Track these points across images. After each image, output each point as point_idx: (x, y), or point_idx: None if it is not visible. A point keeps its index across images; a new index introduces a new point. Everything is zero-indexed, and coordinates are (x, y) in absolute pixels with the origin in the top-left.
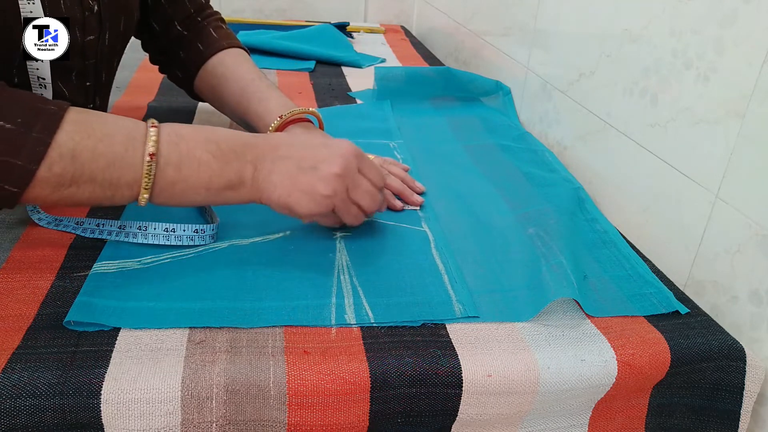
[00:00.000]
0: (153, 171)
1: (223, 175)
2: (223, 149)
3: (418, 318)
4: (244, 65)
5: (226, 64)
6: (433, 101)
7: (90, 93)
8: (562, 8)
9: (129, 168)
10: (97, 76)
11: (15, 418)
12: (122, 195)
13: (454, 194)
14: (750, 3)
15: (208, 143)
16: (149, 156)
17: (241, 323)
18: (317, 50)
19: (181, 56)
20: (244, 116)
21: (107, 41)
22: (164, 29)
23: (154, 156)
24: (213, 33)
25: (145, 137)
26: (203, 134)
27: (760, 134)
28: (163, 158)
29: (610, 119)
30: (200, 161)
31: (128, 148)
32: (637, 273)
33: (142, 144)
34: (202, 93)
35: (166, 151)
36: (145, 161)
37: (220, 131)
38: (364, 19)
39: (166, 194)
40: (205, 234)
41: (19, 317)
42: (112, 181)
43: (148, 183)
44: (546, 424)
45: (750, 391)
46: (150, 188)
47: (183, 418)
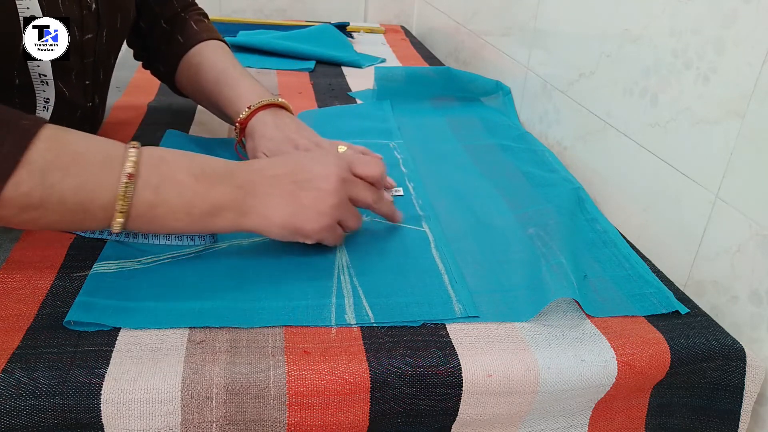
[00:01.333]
0: (130, 193)
1: (207, 198)
2: (207, 173)
3: (418, 318)
4: (220, 55)
5: (203, 54)
6: (433, 101)
7: (89, 92)
8: (562, 8)
9: (103, 189)
10: (95, 74)
11: (15, 418)
12: (94, 218)
13: (454, 194)
14: (750, 3)
15: (192, 166)
16: (127, 176)
17: (241, 323)
18: (317, 50)
19: (162, 50)
20: (218, 102)
21: (105, 39)
22: (151, 28)
23: (133, 177)
24: (194, 26)
25: (124, 157)
26: (187, 157)
27: (760, 134)
28: (142, 179)
29: (610, 119)
30: (182, 184)
31: (104, 168)
32: (637, 273)
33: (120, 164)
34: (181, 86)
35: (146, 173)
36: (122, 182)
37: (205, 157)
38: (364, 19)
39: (144, 219)
40: (206, 234)
41: (19, 317)
42: (84, 203)
43: (124, 206)
44: (546, 424)
45: (750, 391)
46: (126, 212)
47: (183, 418)
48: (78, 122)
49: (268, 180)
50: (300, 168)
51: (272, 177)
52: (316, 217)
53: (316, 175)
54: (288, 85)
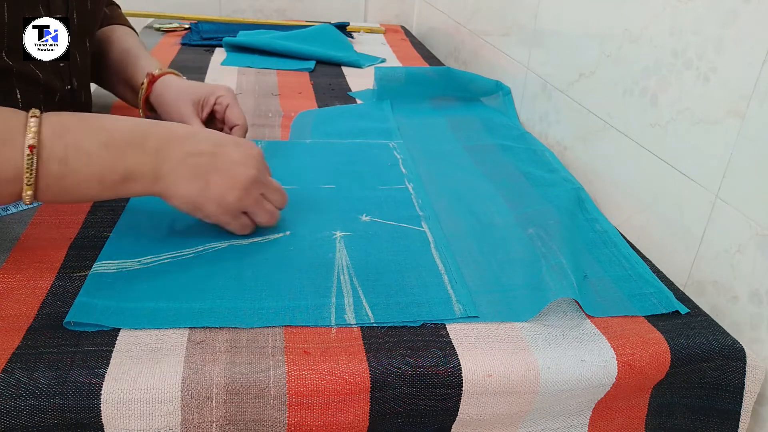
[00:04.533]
0: (34, 165)
1: (117, 167)
2: (117, 139)
3: (418, 318)
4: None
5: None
6: (433, 101)
7: (65, 75)
8: (562, 8)
9: (7, 162)
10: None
11: (15, 418)
12: (4, 192)
13: (454, 194)
14: (750, 3)
15: (99, 133)
16: (28, 149)
17: (241, 323)
18: (317, 50)
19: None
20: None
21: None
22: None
23: (34, 148)
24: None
25: (25, 128)
26: (94, 123)
27: (760, 134)
28: (46, 150)
29: (610, 119)
30: (90, 153)
31: (6, 141)
32: (637, 273)
33: (21, 136)
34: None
35: (50, 143)
36: (25, 154)
37: (114, 119)
38: (364, 19)
39: (54, 190)
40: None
41: (19, 317)
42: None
43: (30, 178)
44: (546, 424)
45: (750, 391)
46: (33, 184)
47: (183, 418)
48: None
49: (185, 153)
50: (220, 151)
51: (189, 153)
52: (218, 201)
53: (234, 163)
54: (288, 85)
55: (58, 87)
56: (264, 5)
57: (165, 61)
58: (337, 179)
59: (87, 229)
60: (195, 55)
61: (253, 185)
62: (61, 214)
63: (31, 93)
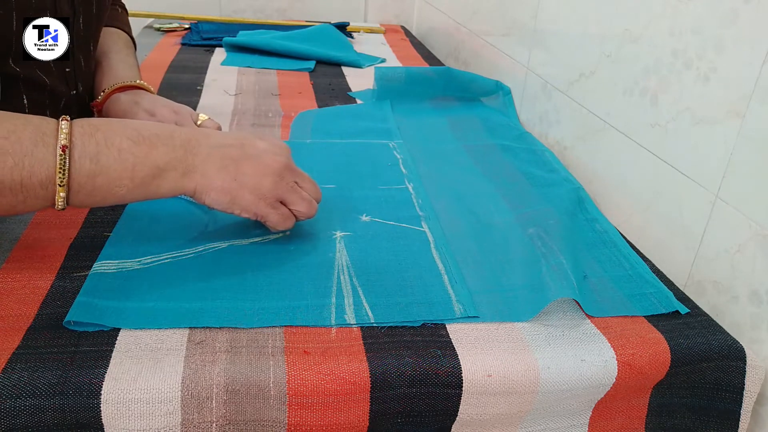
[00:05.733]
0: (67, 164)
1: (148, 160)
2: (145, 135)
3: (418, 318)
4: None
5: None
6: (433, 101)
7: (71, 79)
8: (562, 8)
9: (40, 164)
10: (75, 60)
11: (15, 418)
12: (35, 196)
13: (454, 194)
14: (750, 3)
15: (128, 130)
16: (61, 149)
17: (241, 323)
18: (317, 50)
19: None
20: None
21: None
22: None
23: (67, 148)
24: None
25: (57, 131)
26: (122, 123)
27: (760, 134)
28: (78, 150)
29: (610, 119)
30: (120, 149)
31: (38, 144)
32: (637, 273)
33: (54, 137)
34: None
35: (81, 142)
36: (57, 155)
37: (141, 122)
38: (364, 19)
39: (86, 189)
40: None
41: (19, 317)
42: (23, 182)
43: (62, 179)
44: (546, 424)
45: (750, 391)
46: (66, 185)
47: (183, 418)
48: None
49: (212, 145)
50: (247, 143)
51: (217, 145)
52: (253, 188)
53: (262, 151)
54: (288, 85)
55: (63, 92)
56: (264, 5)
57: (165, 61)
58: (337, 179)
59: (87, 229)
60: (195, 55)
61: (285, 171)
62: (61, 214)
63: (38, 98)
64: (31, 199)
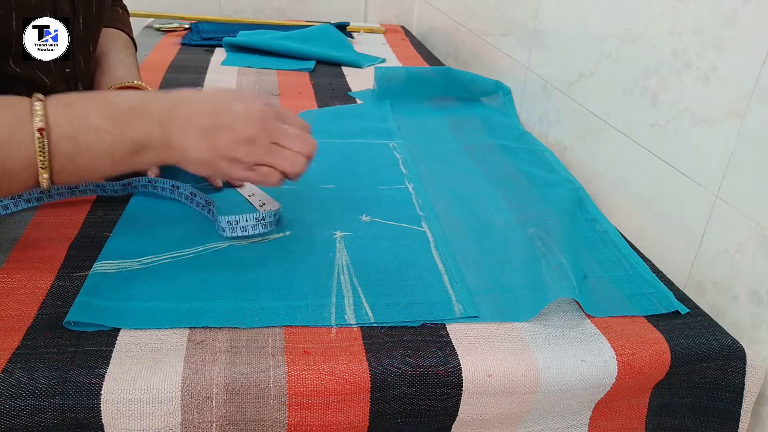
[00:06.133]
0: (46, 147)
1: (126, 137)
2: (121, 109)
3: (418, 318)
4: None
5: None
6: (433, 101)
7: (71, 80)
8: (562, 8)
9: (19, 148)
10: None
11: (15, 418)
12: (20, 179)
13: (454, 194)
14: (750, 3)
15: (103, 106)
16: (38, 132)
17: (241, 323)
18: (317, 50)
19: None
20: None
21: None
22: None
23: (43, 131)
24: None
25: (31, 113)
26: (97, 97)
27: (760, 134)
28: (55, 132)
29: (610, 119)
30: (97, 127)
31: (14, 128)
32: (637, 273)
33: (29, 120)
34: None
35: (57, 123)
36: (35, 138)
37: (115, 94)
38: (364, 19)
39: (69, 169)
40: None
41: (19, 317)
42: (4, 166)
43: (44, 161)
44: (546, 424)
45: (750, 391)
46: (47, 166)
47: (183, 418)
48: None
49: (189, 115)
50: (223, 108)
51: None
52: (228, 158)
53: (237, 115)
54: (288, 85)
55: (63, 92)
56: (264, 5)
57: (165, 61)
58: (337, 179)
59: (87, 229)
60: (195, 55)
61: (260, 134)
62: (61, 214)
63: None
64: (17, 183)
